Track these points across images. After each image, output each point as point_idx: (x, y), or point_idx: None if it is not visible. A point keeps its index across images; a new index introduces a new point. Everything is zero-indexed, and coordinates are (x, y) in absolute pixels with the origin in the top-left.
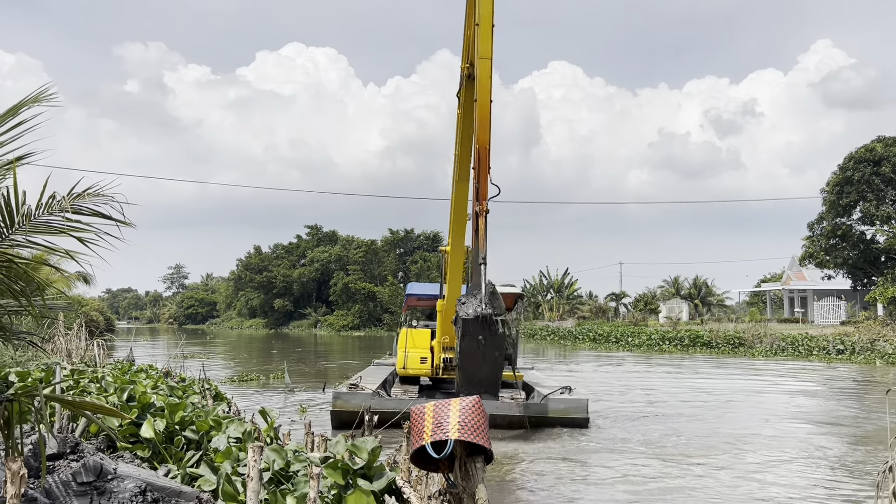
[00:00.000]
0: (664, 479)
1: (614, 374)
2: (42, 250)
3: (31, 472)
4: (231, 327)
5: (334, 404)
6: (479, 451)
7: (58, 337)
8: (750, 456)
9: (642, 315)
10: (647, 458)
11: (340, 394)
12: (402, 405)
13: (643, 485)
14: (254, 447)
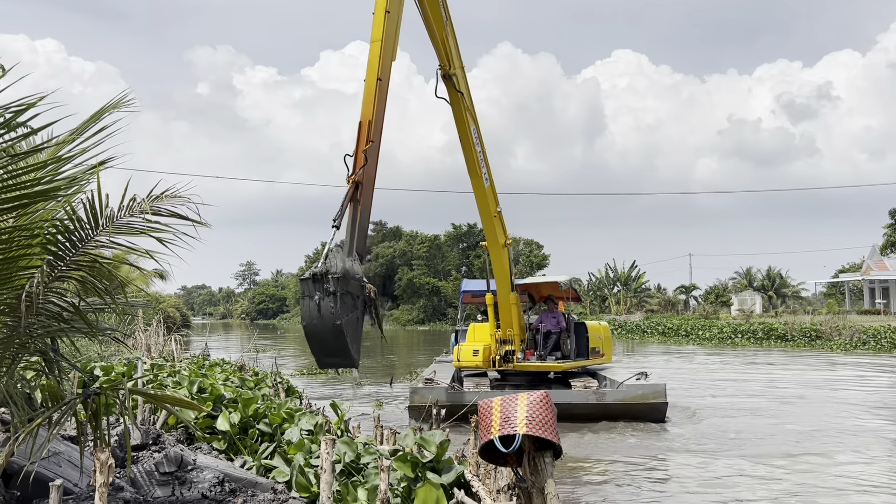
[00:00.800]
0: (747, 480)
1: (685, 368)
2: (123, 250)
3: (118, 462)
4: (301, 322)
5: (412, 399)
6: (548, 445)
7: (138, 333)
8: (839, 455)
9: (713, 308)
10: (728, 458)
11: (418, 389)
12: (480, 397)
13: (727, 488)
14: (326, 440)
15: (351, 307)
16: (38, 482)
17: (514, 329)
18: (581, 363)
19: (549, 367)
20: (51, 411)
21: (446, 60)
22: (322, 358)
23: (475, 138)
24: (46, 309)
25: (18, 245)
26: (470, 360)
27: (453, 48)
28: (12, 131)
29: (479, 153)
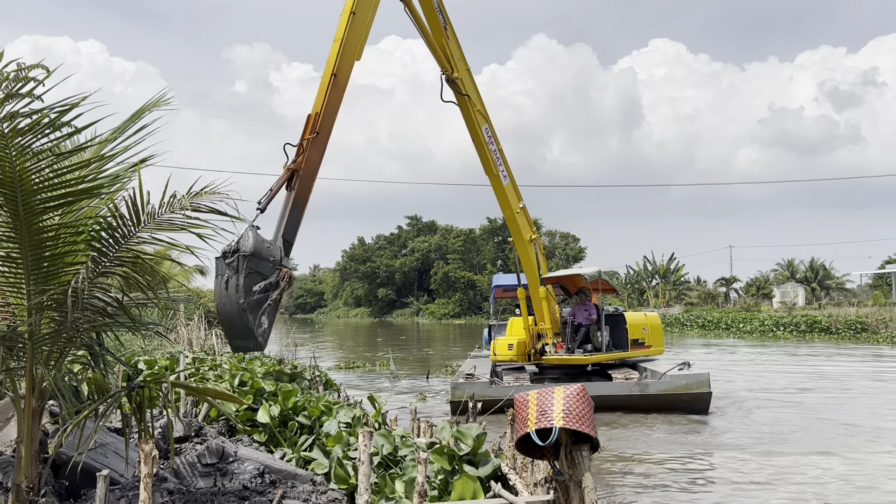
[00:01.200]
0: (789, 477)
1: (726, 360)
2: (165, 246)
3: (161, 453)
4: (338, 316)
5: (453, 394)
6: (585, 439)
7: (180, 327)
8: (883, 454)
9: (754, 300)
10: (770, 453)
11: (459, 384)
12: (519, 391)
13: (768, 485)
14: (364, 432)
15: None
16: (86, 472)
17: (546, 322)
18: (616, 355)
19: (575, 360)
20: (97, 404)
21: (448, 66)
22: (231, 340)
23: (488, 138)
24: (91, 304)
25: (64, 242)
26: (505, 354)
27: (455, 52)
28: (57, 131)
29: (493, 152)
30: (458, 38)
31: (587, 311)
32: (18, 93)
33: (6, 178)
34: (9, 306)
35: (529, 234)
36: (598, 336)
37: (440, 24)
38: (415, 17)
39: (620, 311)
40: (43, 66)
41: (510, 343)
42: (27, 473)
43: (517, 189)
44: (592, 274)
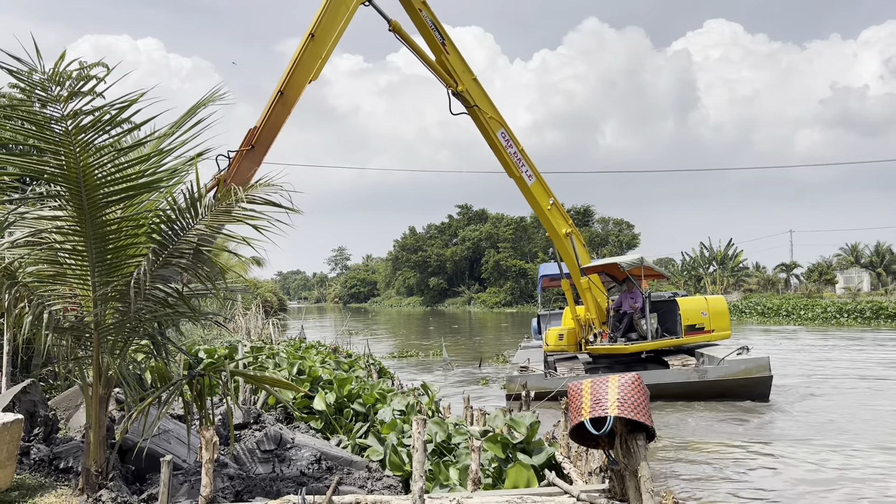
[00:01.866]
0: (853, 470)
1: (787, 348)
2: (222, 237)
3: (221, 440)
4: (390, 305)
5: (508, 387)
6: (641, 428)
7: (238, 317)
8: None
9: (816, 286)
10: (831, 447)
11: (513, 377)
12: None
13: (831, 483)
14: (417, 420)
15: None
16: (150, 457)
17: (592, 312)
18: (664, 342)
19: (617, 349)
20: (160, 391)
21: (451, 80)
22: None
23: (505, 142)
24: (153, 295)
25: (126, 234)
26: (556, 344)
27: (457, 65)
28: (118, 127)
29: (513, 154)
30: (457, 49)
31: (632, 299)
32: (81, 91)
33: (71, 173)
34: (76, 297)
35: (565, 228)
36: (643, 323)
37: (437, 41)
38: (408, 42)
39: (677, 297)
40: (103, 64)
41: (561, 333)
42: (96, 458)
43: (546, 186)
44: (632, 261)
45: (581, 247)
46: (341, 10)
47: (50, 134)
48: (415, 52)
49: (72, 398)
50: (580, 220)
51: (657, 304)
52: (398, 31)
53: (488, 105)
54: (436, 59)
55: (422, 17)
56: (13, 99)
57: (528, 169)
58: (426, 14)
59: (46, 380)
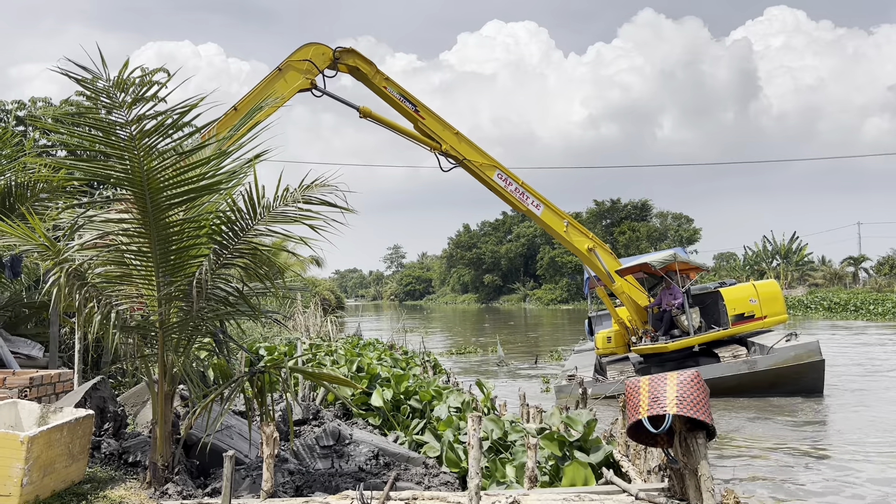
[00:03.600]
0: None
1: (853, 345)
2: (280, 237)
3: (281, 435)
4: (446, 302)
5: (558, 397)
6: (701, 426)
7: (297, 315)
8: None
9: (887, 280)
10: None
11: (562, 387)
12: (622, 387)
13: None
14: (473, 416)
15: None
16: (214, 452)
17: (631, 313)
18: (709, 336)
19: (658, 348)
20: (222, 388)
21: (434, 143)
22: None
23: (503, 182)
24: (214, 294)
25: (188, 236)
26: (605, 346)
27: (434, 127)
28: (179, 131)
29: (515, 191)
30: (432, 112)
31: (671, 295)
32: (144, 97)
33: (136, 177)
34: (142, 297)
35: (587, 243)
36: (684, 319)
37: (410, 110)
38: (382, 122)
39: (723, 286)
40: (165, 70)
41: (608, 336)
42: (162, 452)
43: (556, 210)
44: (665, 258)
45: (606, 255)
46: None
47: (115, 139)
48: (391, 129)
49: (139, 395)
50: (638, 215)
51: (700, 297)
52: (369, 115)
53: (476, 154)
54: (414, 127)
55: (389, 93)
56: (81, 106)
57: (534, 199)
58: (392, 89)
59: (115, 377)
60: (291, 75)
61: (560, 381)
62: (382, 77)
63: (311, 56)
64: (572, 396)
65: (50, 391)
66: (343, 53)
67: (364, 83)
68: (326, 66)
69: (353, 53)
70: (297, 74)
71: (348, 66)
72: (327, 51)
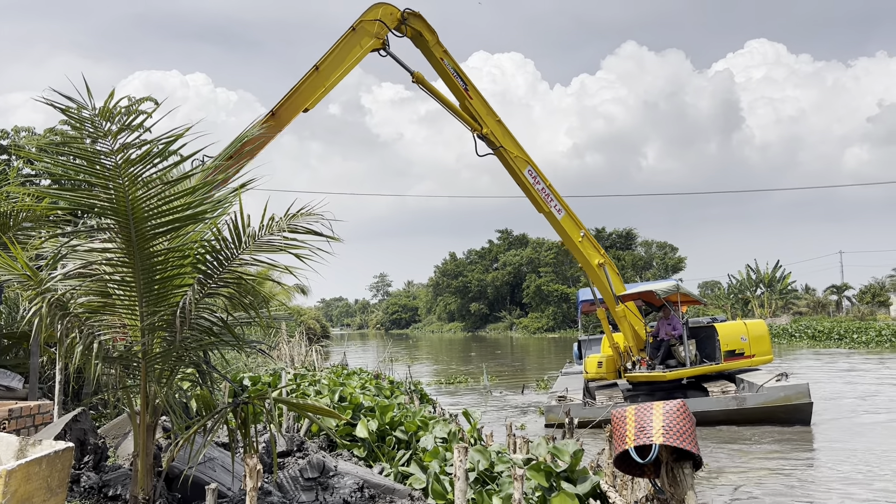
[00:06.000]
0: None
1: (838, 373)
2: (265, 266)
3: (265, 467)
4: (432, 331)
5: (547, 417)
6: (687, 456)
7: (282, 344)
8: None
9: (869, 308)
10: (877, 487)
11: (552, 407)
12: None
13: None
14: (459, 448)
15: None
16: (196, 485)
17: (629, 340)
18: (703, 369)
19: (656, 376)
20: (205, 419)
21: (476, 124)
22: None
23: (532, 179)
24: (198, 324)
25: (172, 265)
26: (595, 371)
27: (480, 109)
28: (165, 160)
29: (541, 190)
30: (480, 93)
31: (670, 325)
32: (129, 126)
33: (120, 206)
34: (125, 327)
35: (597, 258)
36: (681, 350)
37: (460, 87)
38: (431, 91)
39: (715, 322)
40: (152, 99)
41: (600, 360)
42: (143, 486)
43: (575, 218)
44: (668, 288)
45: (615, 276)
46: (353, 51)
47: (100, 168)
48: (438, 100)
49: (120, 426)
50: (623, 244)
51: (696, 330)
52: (421, 82)
53: (513, 145)
54: (459, 105)
55: (444, 65)
56: (65, 135)
57: (557, 203)
58: (448, 62)
59: (96, 408)
60: (364, 36)
61: (550, 402)
62: (441, 49)
63: (380, 16)
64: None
65: (29, 423)
66: (411, 17)
67: (422, 51)
68: (394, 27)
69: (419, 19)
70: (368, 35)
71: (412, 30)
72: (395, 12)
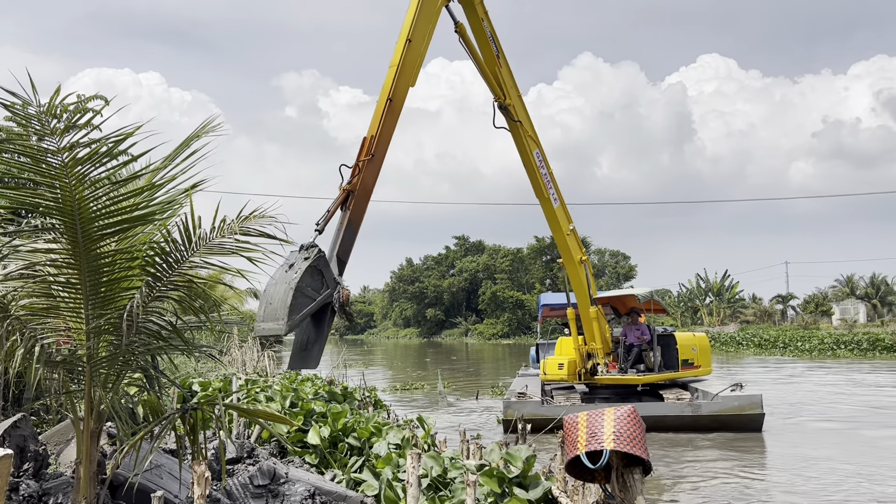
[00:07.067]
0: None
1: (784, 380)
2: (216, 270)
3: (214, 474)
4: (387, 336)
5: (505, 413)
6: (637, 461)
7: (233, 349)
8: None
9: (813, 318)
10: (829, 477)
11: (511, 403)
12: (572, 411)
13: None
14: (412, 454)
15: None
16: (142, 493)
17: (597, 342)
18: (667, 376)
19: (629, 380)
20: (152, 425)
21: (501, 93)
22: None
23: (539, 162)
24: (146, 328)
25: (120, 267)
26: (555, 373)
27: (507, 79)
28: (114, 160)
29: (544, 176)
30: (509, 65)
31: (639, 331)
32: (77, 124)
33: (66, 206)
34: (69, 330)
35: (579, 255)
36: (651, 356)
37: (493, 52)
38: (469, 47)
39: (671, 332)
40: (101, 97)
41: (560, 363)
42: (86, 494)
43: (567, 211)
44: (645, 294)
45: (591, 276)
46: (431, 10)
47: (46, 167)
48: (472, 57)
49: (63, 433)
50: None
51: (658, 338)
52: (462, 34)
53: (529, 124)
54: (489, 70)
55: (483, 26)
56: (10, 132)
57: (555, 192)
58: (487, 25)
59: (37, 414)
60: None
61: (509, 398)
62: (484, 9)
63: None
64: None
65: None
66: None
67: (464, 7)
68: None
69: None
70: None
71: None
72: None
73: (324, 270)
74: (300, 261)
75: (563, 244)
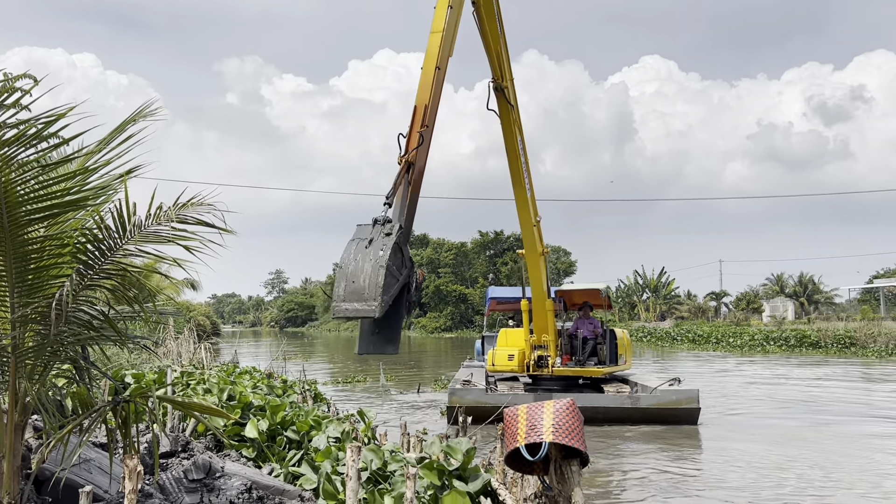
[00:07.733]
0: (780, 488)
1: (716, 375)
2: (152, 259)
3: (147, 469)
4: (329, 330)
5: (450, 400)
6: (575, 453)
7: (169, 341)
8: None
9: (744, 315)
10: (766, 470)
11: (456, 390)
12: (516, 400)
13: None
14: (352, 447)
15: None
16: (69, 488)
17: (550, 335)
18: (615, 368)
19: (588, 371)
20: (81, 418)
21: (500, 73)
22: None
23: (521, 149)
24: (77, 317)
25: (49, 254)
26: (505, 364)
27: (506, 61)
28: (44, 142)
29: (523, 164)
30: (508, 50)
31: (592, 325)
32: (3, 104)
33: None
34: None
35: (541, 247)
36: (604, 349)
37: (498, 31)
38: (480, 21)
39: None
40: (30, 76)
41: (511, 354)
42: (9, 489)
43: (535, 202)
44: (605, 289)
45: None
46: None
47: None
48: (482, 34)
49: None
50: (519, 246)
51: None
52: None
53: (518, 111)
54: (494, 49)
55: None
56: None
57: (529, 182)
58: (495, 3)
59: None
60: None
61: (454, 386)
62: None
63: None
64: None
65: None
66: None
67: None
68: None
69: None
70: None
71: None
72: None
73: (403, 248)
74: (380, 236)
75: (528, 235)
